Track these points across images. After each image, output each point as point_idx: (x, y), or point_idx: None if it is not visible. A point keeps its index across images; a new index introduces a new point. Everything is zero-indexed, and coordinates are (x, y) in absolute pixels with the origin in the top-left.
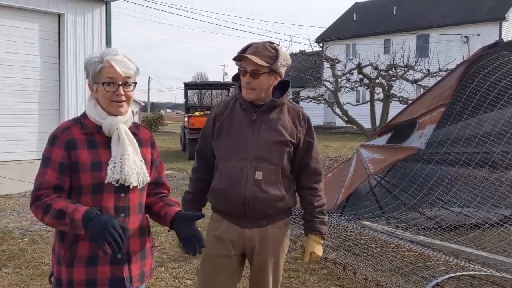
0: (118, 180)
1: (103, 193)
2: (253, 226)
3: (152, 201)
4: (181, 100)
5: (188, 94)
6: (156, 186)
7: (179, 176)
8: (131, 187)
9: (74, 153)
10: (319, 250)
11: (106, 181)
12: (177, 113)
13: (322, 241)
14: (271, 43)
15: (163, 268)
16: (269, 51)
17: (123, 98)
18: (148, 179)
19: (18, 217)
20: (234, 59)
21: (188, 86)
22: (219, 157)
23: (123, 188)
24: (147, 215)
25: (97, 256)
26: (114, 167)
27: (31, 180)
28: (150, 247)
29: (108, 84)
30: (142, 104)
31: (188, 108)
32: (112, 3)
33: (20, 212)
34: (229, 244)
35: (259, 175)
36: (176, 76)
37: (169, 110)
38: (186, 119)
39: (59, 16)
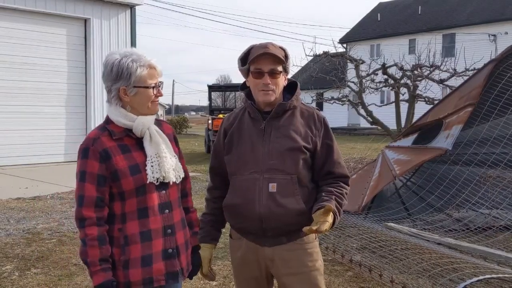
0: (158, 179)
1: (146, 194)
2: (273, 244)
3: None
4: (205, 102)
5: (212, 96)
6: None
7: (204, 178)
8: (170, 183)
9: (111, 162)
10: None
11: (148, 182)
12: (201, 115)
13: (331, 218)
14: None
15: None
16: (279, 49)
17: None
18: (183, 174)
19: (46, 218)
20: (255, 59)
21: (212, 88)
22: (230, 171)
23: (163, 186)
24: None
25: (151, 254)
26: (152, 166)
27: (59, 182)
28: (189, 237)
29: (154, 87)
30: (167, 107)
31: (212, 110)
32: (137, 7)
33: (48, 214)
34: (252, 265)
35: (273, 187)
36: (200, 79)
37: (193, 113)
38: (210, 121)
39: (85, 21)
